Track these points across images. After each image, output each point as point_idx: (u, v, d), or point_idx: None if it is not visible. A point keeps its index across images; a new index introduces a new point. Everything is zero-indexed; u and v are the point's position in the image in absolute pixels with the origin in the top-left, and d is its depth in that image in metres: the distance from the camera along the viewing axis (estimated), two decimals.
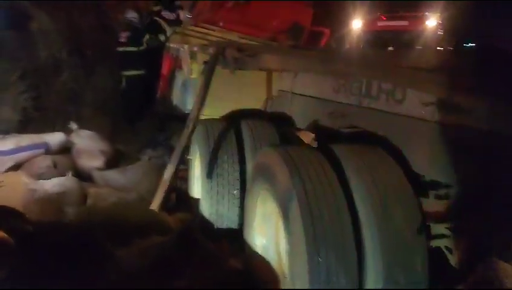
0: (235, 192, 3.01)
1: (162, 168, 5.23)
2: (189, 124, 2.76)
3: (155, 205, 2.35)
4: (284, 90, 4.13)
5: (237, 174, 3.05)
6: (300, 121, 3.83)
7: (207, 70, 2.91)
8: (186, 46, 4.48)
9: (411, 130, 2.32)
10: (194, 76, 4.32)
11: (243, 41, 6.75)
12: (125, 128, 6.42)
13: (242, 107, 4.24)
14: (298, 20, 7.55)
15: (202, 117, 4.22)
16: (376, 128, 2.56)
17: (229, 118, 3.92)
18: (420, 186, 2.10)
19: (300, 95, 3.78)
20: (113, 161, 4.91)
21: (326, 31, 9.39)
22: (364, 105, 2.73)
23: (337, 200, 1.94)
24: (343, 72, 2.45)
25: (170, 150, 6.10)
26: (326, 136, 2.95)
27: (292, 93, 3.92)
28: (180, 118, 6.42)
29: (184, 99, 5.32)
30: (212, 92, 4.18)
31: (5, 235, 2.73)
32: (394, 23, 11.86)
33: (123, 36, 6.54)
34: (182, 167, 4.75)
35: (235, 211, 3.02)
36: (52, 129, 5.20)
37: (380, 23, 11.57)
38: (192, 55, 4.26)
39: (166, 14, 6.90)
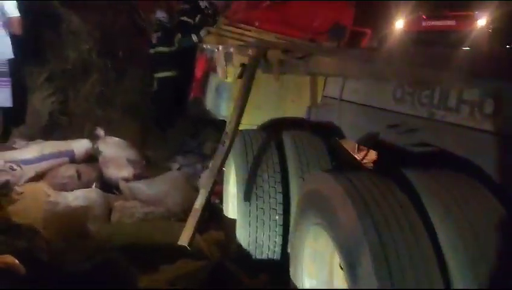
0: (277, 218, 2.58)
1: (192, 178, 4.94)
2: (226, 139, 2.35)
3: (185, 238, 1.95)
4: (330, 97, 3.65)
5: (280, 197, 2.61)
6: (350, 133, 3.34)
7: (246, 74, 2.49)
8: (220, 47, 4.08)
9: (507, 151, 1.82)
10: (229, 80, 3.92)
11: (282, 41, 6.36)
12: (155, 134, 6.11)
13: (282, 115, 3.80)
14: (339, 19, 7.03)
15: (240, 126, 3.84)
16: (456, 148, 2.06)
17: (268, 128, 3.49)
18: None
19: (352, 102, 3.29)
20: (142, 171, 4.57)
21: (368, 31, 8.85)
22: (438, 118, 2.23)
23: (420, 246, 1.47)
24: (420, 79, 1.96)
25: (202, 157, 5.78)
26: (391, 155, 2.47)
27: (341, 100, 3.43)
28: (214, 124, 6.10)
29: (218, 104, 4.93)
30: (248, 98, 3.78)
31: (15, 261, 2.39)
32: (440, 22, 11.14)
33: (154, 37, 6.23)
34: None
35: (277, 240, 2.58)
36: (79, 135, 4.93)
37: (424, 23, 10.88)
38: (228, 57, 3.86)
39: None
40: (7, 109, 4.29)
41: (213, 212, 3.64)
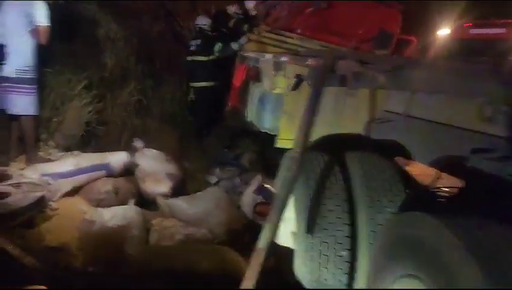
0: (343, 253, 2.23)
1: (234, 195, 4.64)
2: (292, 164, 2.03)
3: (248, 282, 1.64)
4: (393, 112, 3.27)
5: (347, 229, 2.26)
6: (421, 155, 2.96)
7: (314, 88, 2.16)
8: (268, 55, 3.77)
9: None
10: (278, 91, 3.59)
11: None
12: (192, 144, 5.87)
13: (337, 131, 3.44)
14: (386, 26, 6.63)
15: (289, 142, 3.51)
16: None
17: (325, 146, 3.14)
18: None
19: (422, 119, 2.90)
20: (180, 185, 4.32)
21: (414, 39, 8.41)
22: None
23: None
24: None
25: (240, 169, 5.49)
26: (478, 185, 2.09)
27: (407, 116, 3.05)
28: (252, 134, 5.81)
29: (261, 116, 4.60)
30: (299, 111, 3.45)
31: None
32: (488, 30, 10.53)
33: (193, 44, 5.99)
34: (260, 199, 4.09)
35: (343, 279, 2.23)
36: (116, 146, 4.73)
37: (471, 31, 10.30)
38: (277, 67, 3.54)
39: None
40: (41, 117, 4.11)
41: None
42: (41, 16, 3.81)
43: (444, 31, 10.60)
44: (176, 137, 5.60)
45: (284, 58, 3.25)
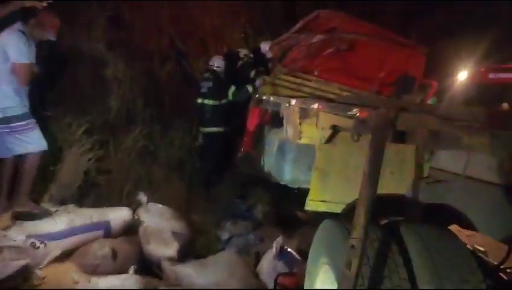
0: None
1: (248, 255, 4.09)
2: (356, 241, 1.53)
3: None
4: (446, 171, 2.78)
5: None
6: (484, 224, 2.45)
7: (372, 149, 1.68)
8: (294, 101, 3.33)
9: None
10: (304, 141, 3.12)
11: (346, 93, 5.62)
12: (202, 194, 5.36)
13: (378, 191, 2.92)
14: (409, 69, 6.24)
15: (322, 204, 3.00)
16: None
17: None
18: None
19: (488, 183, 2.40)
20: (189, 246, 3.78)
21: (434, 83, 8.03)
22: None
23: None
24: None
25: (253, 223, 4.94)
26: None
27: (466, 177, 2.55)
28: (266, 183, 5.31)
29: (281, 167, 4.13)
30: (334, 167, 2.96)
31: None
32: (507, 75, 10.19)
33: (204, 86, 5.59)
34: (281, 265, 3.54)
35: None
36: (118, 198, 4.24)
37: (491, 75, 9.95)
38: (305, 114, 3.08)
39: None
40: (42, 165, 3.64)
41: None
42: (15, 52, 3.37)
43: (462, 75, 10.28)
44: (184, 186, 5.10)
45: (315, 105, 2.79)
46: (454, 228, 2.52)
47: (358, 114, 2.07)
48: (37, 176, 3.56)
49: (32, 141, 3.47)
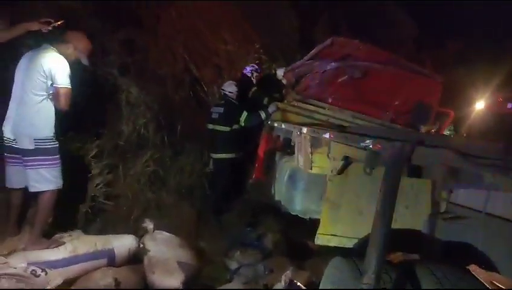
0: None
1: (257, 286, 3.95)
2: (368, 280, 1.41)
3: None
4: (465, 206, 2.64)
5: None
6: (505, 265, 2.29)
7: (387, 183, 1.57)
8: (305, 129, 3.24)
9: None
10: (315, 171, 3.02)
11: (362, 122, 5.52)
12: (211, 221, 5.25)
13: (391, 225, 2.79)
14: (425, 98, 6.13)
15: (333, 239, 2.87)
16: None
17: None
18: None
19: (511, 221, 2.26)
20: (195, 277, 3.65)
21: (451, 112, 7.88)
22: None
23: None
24: None
25: (263, 252, 4.79)
26: None
27: (487, 214, 2.40)
28: (276, 211, 5.18)
29: (291, 196, 4.01)
30: (346, 200, 2.84)
31: None
32: None
33: (215, 111, 5.54)
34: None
35: None
36: (125, 224, 4.15)
37: (510, 105, 9.75)
38: (317, 143, 2.99)
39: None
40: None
41: None
42: (62, 77, 3.23)
43: (479, 104, 10.12)
44: (193, 213, 5.01)
45: (326, 135, 2.70)
46: (473, 268, 2.37)
47: (371, 146, 1.97)
48: (51, 215, 3.41)
49: (46, 180, 3.26)
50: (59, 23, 3.38)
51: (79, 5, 4.73)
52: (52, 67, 3.22)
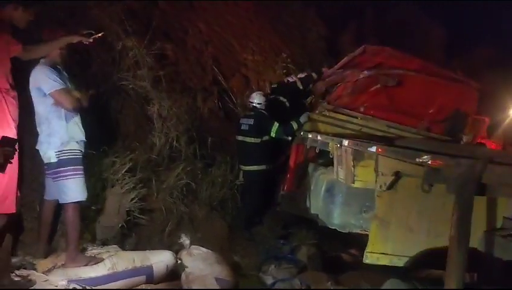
0: None
1: None
2: None
3: None
4: None
5: None
6: None
7: (460, 205, 1.46)
8: (347, 142, 3.14)
9: None
10: (359, 185, 2.91)
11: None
12: (243, 234, 5.18)
13: (442, 243, 2.65)
14: (461, 106, 5.93)
15: (382, 257, 2.75)
16: None
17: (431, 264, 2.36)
18: None
19: None
20: None
21: (487, 119, 7.61)
22: None
23: None
24: None
25: (297, 266, 4.68)
26: None
27: None
28: (309, 223, 5.07)
29: (329, 209, 3.92)
30: (396, 216, 2.72)
31: None
32: None
33: (244, 123, 5.46)
34: None
35: None
36: (159, 238, 4.12)
37: None
38: (360, 156, 2.89)
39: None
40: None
41: None
42: (47, 83, 3.17)
43: None
44: (226, 226, 4.94)
45: (373, 148, 2.58)
46: None
47: (429, 162, 1.86)
48: (80, 225, 3.36)
49: (69, 191, 3.25)
50: (99, 34, 3.38)
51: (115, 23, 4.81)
52: (36, 80, 3.22)
